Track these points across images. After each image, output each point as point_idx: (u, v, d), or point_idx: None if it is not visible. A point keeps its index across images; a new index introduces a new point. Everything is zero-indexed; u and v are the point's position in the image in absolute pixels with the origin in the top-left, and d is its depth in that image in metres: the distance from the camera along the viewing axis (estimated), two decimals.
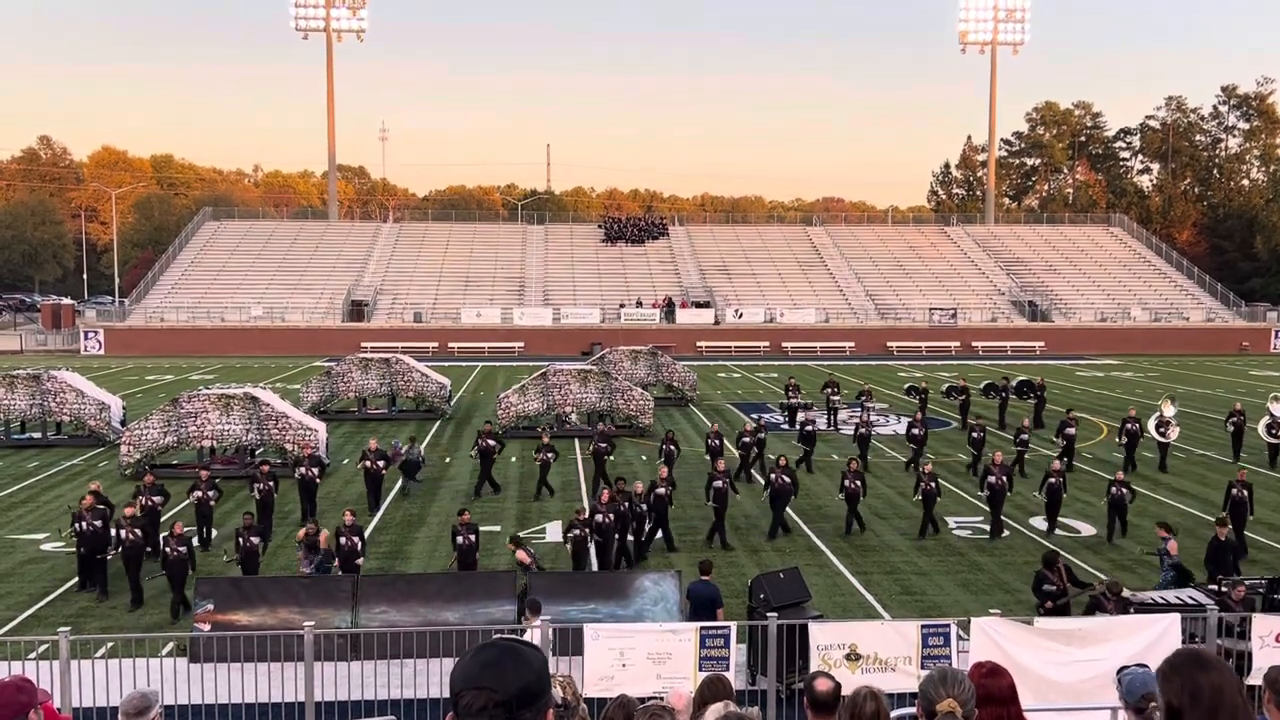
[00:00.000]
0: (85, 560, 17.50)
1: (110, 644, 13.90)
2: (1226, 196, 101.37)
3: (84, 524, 17.36)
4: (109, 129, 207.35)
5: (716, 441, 25.12)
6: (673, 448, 24.76)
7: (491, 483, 25.10)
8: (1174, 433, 27.82)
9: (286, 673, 12.63)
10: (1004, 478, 20.97)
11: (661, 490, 19.96)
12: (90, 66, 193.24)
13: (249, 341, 64.27)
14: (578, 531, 17.66)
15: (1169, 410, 28.15)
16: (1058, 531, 21.29)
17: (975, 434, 26.70)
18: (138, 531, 16.93)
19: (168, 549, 16.49)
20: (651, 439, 32.21)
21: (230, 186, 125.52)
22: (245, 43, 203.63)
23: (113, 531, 17.47)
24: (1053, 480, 21.07)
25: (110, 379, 46.52)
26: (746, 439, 26.55)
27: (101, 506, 18.04)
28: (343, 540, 16.81)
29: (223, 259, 74.40)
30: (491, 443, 25.08)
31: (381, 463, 22.13)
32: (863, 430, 27.71)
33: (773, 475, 21.35)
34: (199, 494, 19.91)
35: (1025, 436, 26.44)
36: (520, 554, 16.38)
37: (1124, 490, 20.70)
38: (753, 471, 26.34)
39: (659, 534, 20.18)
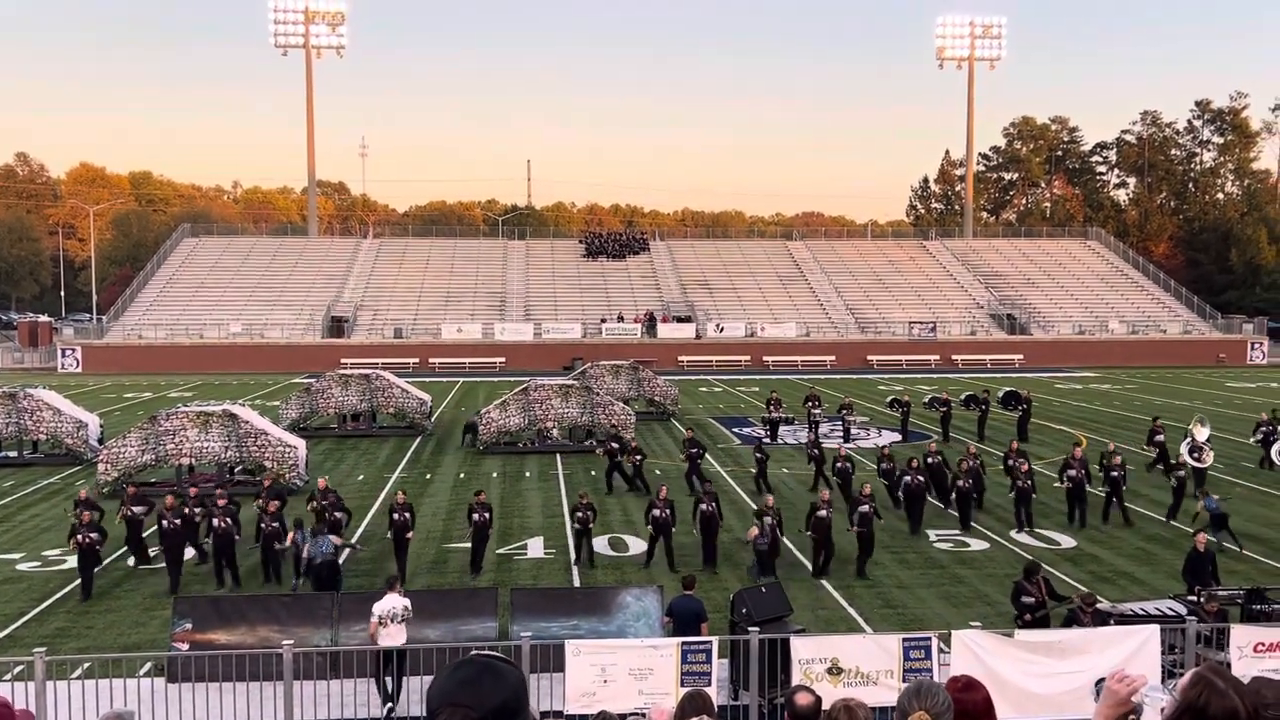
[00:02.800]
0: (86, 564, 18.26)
1: (87, 664, 13.76)
2: (1202, 210, 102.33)
3: (82, 536, 18.06)
4: (87, 145, 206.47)
5: (848, 465, 24.83)
6: (840, 461, 25.11)
7: (637, 480, 26.57)
8: (1209, 457, 26.28)
9: (266, 692, 12.53)
10: (919, 478, 22.68)
11: (823, 513, 19.16)
12: (68, 83, 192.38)
13: (228, 358, 63.94)
14: (582, 514, 19.73)
15: (1201, 433, 26.58)
16: (1038, 544, 21.43)
17: (931, 459, 25.29)
18: (229, 520, 18.53)
19: (262, 524, 18.69)
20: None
21: (209, 203, 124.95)
22: (224, 59, 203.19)
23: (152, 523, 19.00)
24: (1115, 474, 22.94)
25: (88, 397, 46.17)
26: (693, 450, 27.08)
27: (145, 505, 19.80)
28: (395, 516, 19.03)
29: (201, 275, 74.04)
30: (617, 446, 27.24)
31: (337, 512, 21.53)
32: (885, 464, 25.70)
33: (907, 477, 22.31)
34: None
35: (975, 463, 24.02)
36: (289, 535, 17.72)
37: (1182, 478, 23.44)
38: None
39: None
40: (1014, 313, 72.55)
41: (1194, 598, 15.13)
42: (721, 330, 68.50)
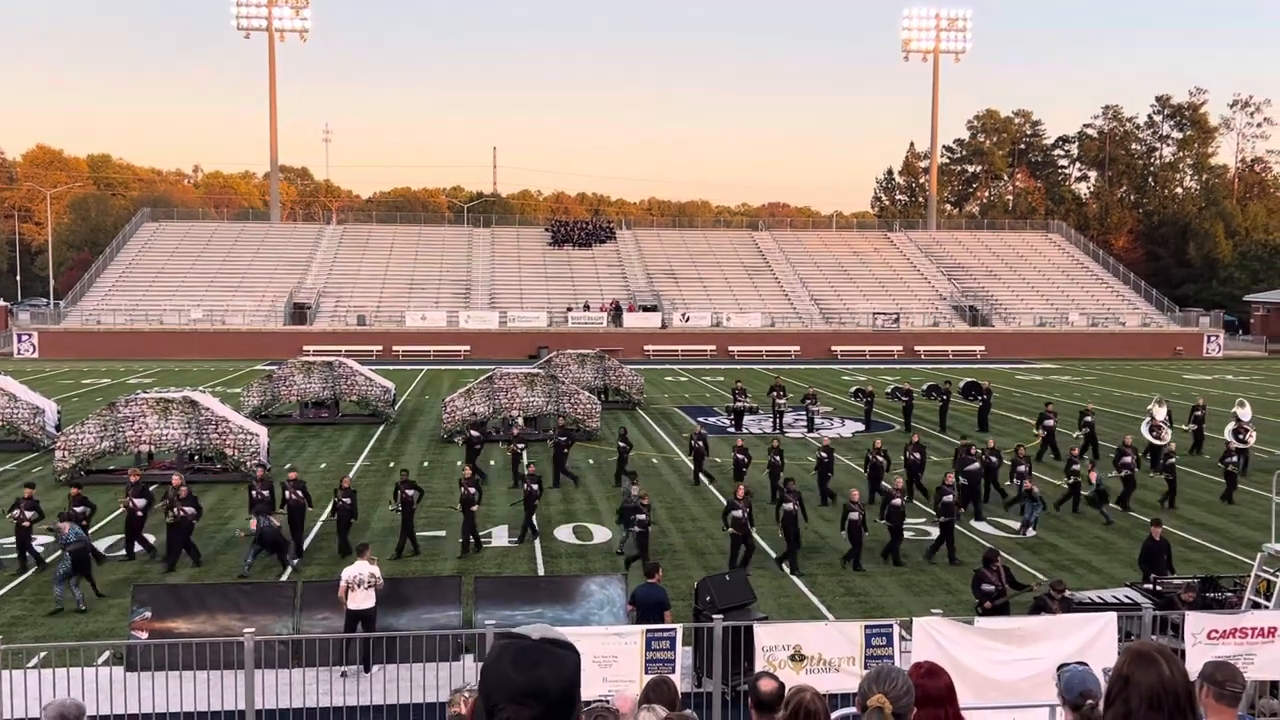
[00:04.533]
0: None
1: (43, 653, 13.58)
2: (1161, 204, 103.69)
3: (178, 510, 18.74)
4: (44, 127, 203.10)
5: (881, 458, 24.38)
6: (883, 458, 24.48)
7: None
8: (1167, 434, 28.13)
9: (226, 681, 12.42)
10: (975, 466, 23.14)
11: (897, 501, 19.58)
12: (24, 64, 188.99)
13: (188, 345, 63.18)
14: (644, 515, 18.94)
15: (1160, 413, 28.57)
16: (997, 533, 21.67)
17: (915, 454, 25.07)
18: (299, 493, 19.72)
19: (288, 493, 19.74)
20: (605, 442, 32.23)
21: (169, 187, 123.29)
22: (185, 41, 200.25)
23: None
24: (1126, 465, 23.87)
25: (45, 382, 45.49)
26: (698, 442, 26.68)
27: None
28: (469, 490, 20.07)
29: (161, 261, 73.08)
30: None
31: (299, 493, 21.22)
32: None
33: (972, 465, 23.15)
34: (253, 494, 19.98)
35: (880, 455, 24.61)
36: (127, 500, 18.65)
37: (1233, 464, 25.04)
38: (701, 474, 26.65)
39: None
40: (976, 304, 73.17)
41: (1149, 585, 15.39)
42: (687, 320, 68.57)
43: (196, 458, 27.27)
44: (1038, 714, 9.81)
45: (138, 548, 19.68)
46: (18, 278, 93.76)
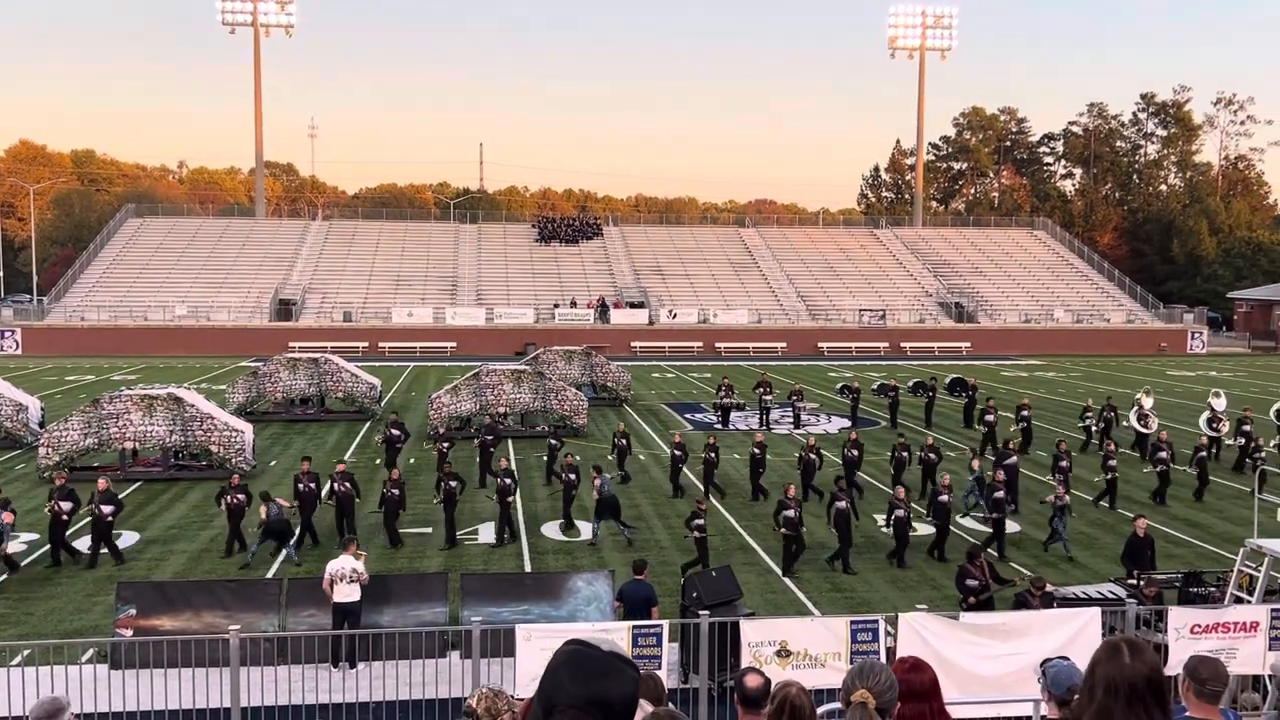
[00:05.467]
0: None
1: (27, 651, 13.51)
2: (1145, 201, 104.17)
3: (230, 497, 19.45)
4: (27, 122, 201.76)
5: (934, 455, 24.23)
6: (815, 455, 24.24)
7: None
8: (1154, 423, 29.25)
9: (211, 678, 12.38)
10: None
11: (944, 498, 19.76)
12: (6, 58, 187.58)
13: (173, 341, 62.89)
14: (701, 520, 18.47)
15: (1148, 402, 29.71)
16: (983, 529, 21.72)
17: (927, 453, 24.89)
18: (348, 485, 20.11)
19: (336, 485, 20.21)
20: (591, 439, 32.20)
21: (154, 183, 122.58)
22: (170, 36, 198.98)
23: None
24: (1064, 463, 23.42)
25: (28, 379, 45.22)
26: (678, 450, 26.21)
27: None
28: (506, 482, 20.63)
29: (146, 257, 72.73)
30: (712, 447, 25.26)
31: (347, 485, 21.29)
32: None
33: (1010, 459, 23.51)
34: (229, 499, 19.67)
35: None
36: (5, 514, 18.07)
37: (1261, 458, 25.86)
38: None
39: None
40: (962, 301, 73.40)
41: (1133, 581, 15.48)
42: (674, 316, 68.60)
43: (181, 455, 27.14)
44: (1021, 708, 9.86)
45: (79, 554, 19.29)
46: (0, 274, 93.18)
